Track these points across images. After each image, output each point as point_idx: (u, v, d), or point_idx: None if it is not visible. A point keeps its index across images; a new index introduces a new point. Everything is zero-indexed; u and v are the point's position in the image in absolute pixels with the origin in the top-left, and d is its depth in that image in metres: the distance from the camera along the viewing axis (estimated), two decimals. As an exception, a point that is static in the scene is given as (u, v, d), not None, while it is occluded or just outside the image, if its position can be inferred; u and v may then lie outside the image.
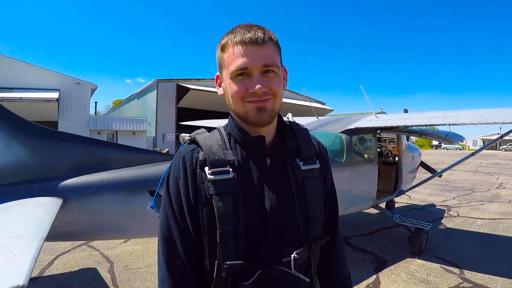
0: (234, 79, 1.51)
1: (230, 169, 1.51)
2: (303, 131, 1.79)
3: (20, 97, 29.43)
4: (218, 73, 1.65)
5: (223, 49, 1.55)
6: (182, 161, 1.57)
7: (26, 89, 31.53)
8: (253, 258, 1.52)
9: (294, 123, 1.84)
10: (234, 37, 1.50)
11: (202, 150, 1.55)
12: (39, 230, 3.31)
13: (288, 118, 3.03)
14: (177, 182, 1.57)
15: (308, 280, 1.59)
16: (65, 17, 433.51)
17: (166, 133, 41.30)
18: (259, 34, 1.49)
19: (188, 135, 1.68)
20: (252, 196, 1.54)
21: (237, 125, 1.63)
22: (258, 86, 1.46)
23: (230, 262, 1.45)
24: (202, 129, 1.72)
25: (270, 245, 1.55)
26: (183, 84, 40.18)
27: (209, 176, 1.48)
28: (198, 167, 1.54)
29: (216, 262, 1.50)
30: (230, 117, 1.69)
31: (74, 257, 7.18)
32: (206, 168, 1.51)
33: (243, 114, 1.54)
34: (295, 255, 1.56)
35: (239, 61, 1.47)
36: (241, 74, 1.49)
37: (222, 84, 1.62)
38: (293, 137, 1.72)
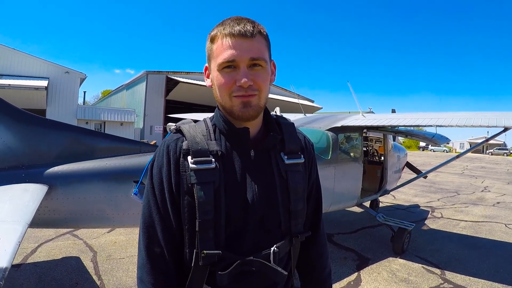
0: (221, 71, 1.50)
1: (213, 159, 1.51)
2: (289, 125, 1.79)
3: (9, 84, 29.25)
4: (207, 64, 1.64)
5: (212, 40, 1.54)
6: (166, 150, 1.57)
7: (15, 76, 31.41)
8: (233, 249, 1.52)
9: (280, 117, 1.84)
10: (224, 29, 1.49)
11: (186, 140, 1.56)
12: (24, 215, 3.31)
13: (275, 112, 3.03)
14: (161, 170, 1.57)
15: (286, 273, 1.59)
16: (55, 5, 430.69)
17: (154, 125, 41.33)
18: (248, 27, 1.48)
19: (174, 124, 1.69)
20: (234, 187, 1.54)
21: (223, 116, 1.62)
22: (244, 79, 1.45)
23: (207, 252, 1.45)
24: (189, 119, 1.72)
25: (251, 236, 1.55)
26: (172, 77, 40.24)
27: (191, 165, 1.49)
28: (182, 156, 1.54)
29: (194, 250, 1.50)
30: (216, 108, 1.69)
31: (57, 245, 7.17)
32: (189, 157, 1.51)
33: (229, 108, 1.54)
34: (275, 248, 1.57)
35: (227, 53, 1.46)
36: (228, 66, 1.48)
37: (210, 75, 1.61)
38: (278, 131, 1.71)
